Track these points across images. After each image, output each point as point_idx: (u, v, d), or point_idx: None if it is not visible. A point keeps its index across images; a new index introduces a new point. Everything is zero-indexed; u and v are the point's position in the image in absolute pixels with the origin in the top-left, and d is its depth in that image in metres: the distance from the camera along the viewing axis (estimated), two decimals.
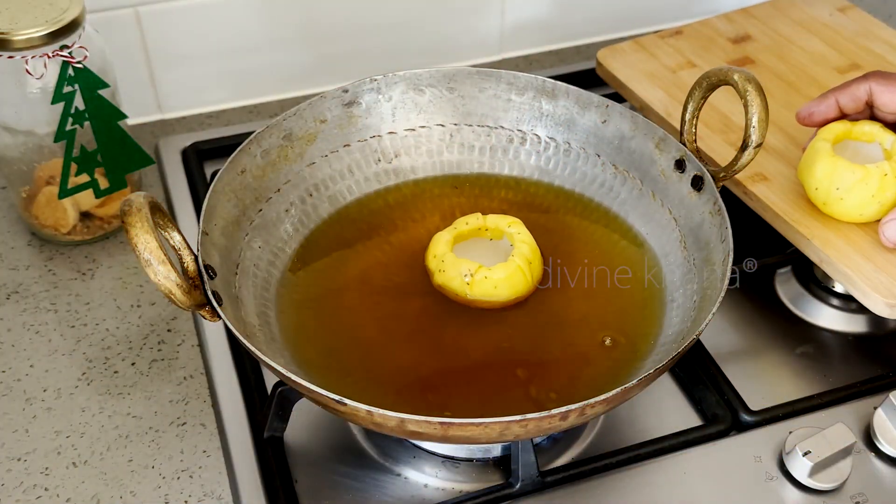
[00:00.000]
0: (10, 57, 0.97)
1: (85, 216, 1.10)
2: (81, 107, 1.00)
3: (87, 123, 1.01)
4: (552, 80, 1.00)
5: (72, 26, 0.98)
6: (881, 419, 0.89)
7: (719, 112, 1.10)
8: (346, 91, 0.99)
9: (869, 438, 0.90)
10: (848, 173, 0.94)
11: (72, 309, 1.03)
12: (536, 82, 1.00)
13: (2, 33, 0.96)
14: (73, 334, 1.00)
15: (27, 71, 0.98)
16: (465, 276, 0.89)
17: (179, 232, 0.80)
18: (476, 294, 0.89)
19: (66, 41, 0.98)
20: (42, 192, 1.08)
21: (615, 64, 1.18)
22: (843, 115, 0.99)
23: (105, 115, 1.02)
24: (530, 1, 1.35)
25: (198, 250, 0.81)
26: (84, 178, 1.05)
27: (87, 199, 1.08)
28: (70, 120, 1.00)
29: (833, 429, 0.86)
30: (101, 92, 1.01)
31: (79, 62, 0.98)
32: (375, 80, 0.99)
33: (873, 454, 0.89)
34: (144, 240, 0.72)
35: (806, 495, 0.86)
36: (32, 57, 0.97)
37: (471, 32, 1.35)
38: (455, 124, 1.02)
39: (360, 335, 0.88)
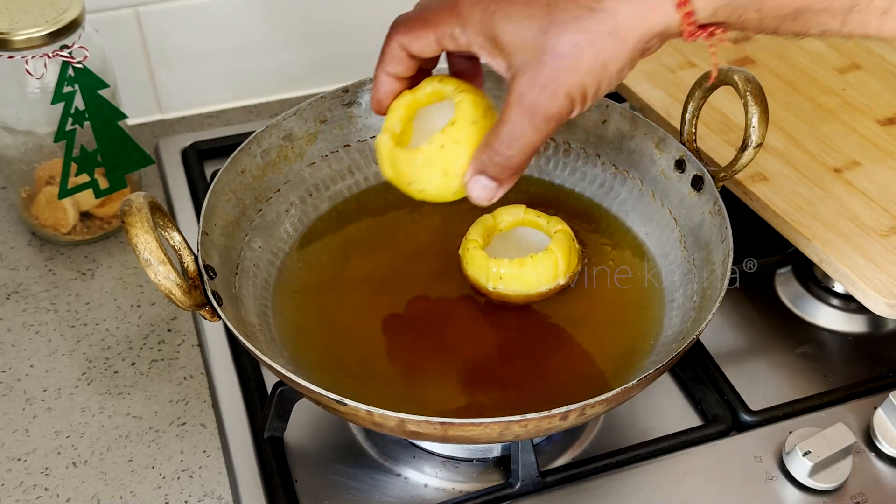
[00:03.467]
0: (11, 57, 0.97)
1: (85, 216, 1.10)
2: (81, 107, 1.00)
3: (87, 123, 1.02)
4: None
5: (72, 26, 0.98)
6: (881, 419, 0.89)
7: (719, 112, 1.10)
8: (346, 91, 0.99)
9: (869, 438, 0.90)
10: (409, 165, 0.80)
11: (72, 309, 1.03)
12: None
13: (2, 33, 0.96)
14: (73, 334, 1.00)
15: (27, 71, 0.98)
16: (466, 237, 0.92)
17: (179, 232, 0.80)
18: (461, 252, 0.92)
19: (66, 41, 0.98)
20: (42, 192, 1.08)
21: None
22: (410, 81, 0.83)
23: (105, 115, 1.02)
24: None
25: (198, 250, 0.81)
26: (84, 178, 1.05)
27: (87, 199, 1.08)
28: (70, 120, 1.00)
29: (833, 429, 0.86)
30: (101, 92, 1.01)
31: (79, 62, 0.98)
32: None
33: (873, 454, 0.89)
34: (144, 240, 0.72)
35: (806, 495, 0.86)
36: (32, 57, 0.97)
37: None
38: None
39: (360, 335, 0.88)
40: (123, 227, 0.73)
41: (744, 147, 0.88)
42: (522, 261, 0.89)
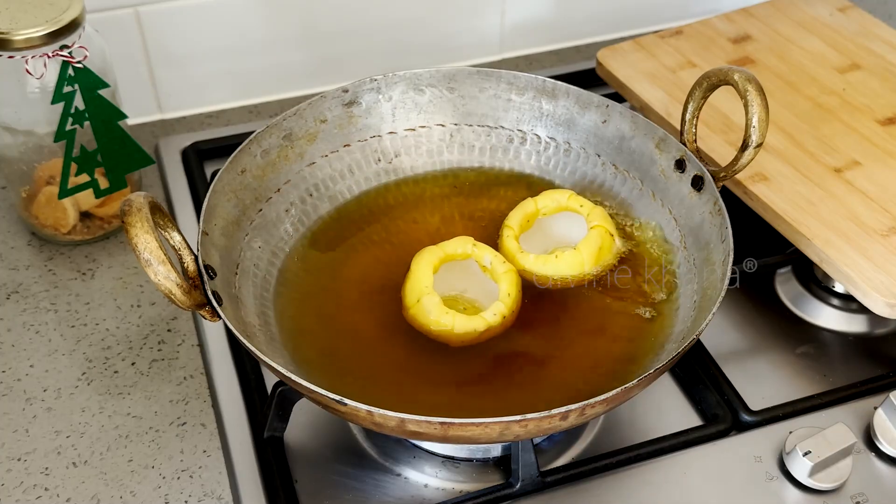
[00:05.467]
0: (11, 57, 0.97)
1: (85, 216, 1.10)
2: (81, 107, 1.00)
3: (87, 123, 1.01)
4: (552, 80, 1.00)
5: (72, 26, 0.98)
6: (881, 419, 0.89)
7: (719, 112, 1.10)
8: (346, 91, 0.98)
9: (869, 438, 0.90)
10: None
11: (72, 309, 1.03)
12: (536, 82, 1.00)
13: (2, 33, 0.96)
14: (73, 334, 1.00)
15: (27, 71, 0.98)
16: (504, 223, 0.95)
17: (179, 232, 0.80)
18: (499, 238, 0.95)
19: (66, 41, 0.98)
20: (42, 191, 1.08)
21: (615, 64, 1.18)
22: None
23: (105, 114, 1.02)
24: (530, 1, 1.35)
25: (198, 250, 0.81)
26: (84, 177, 1.05)
27: (87, 198, 1.08)
28: (70, 120, 1.00)
29: (833, 429, 0.86)
30: (101, 92, 1.01)
31: (79, 62, 0.98)
32: (375, 80, 0.99)
33: (873, 454, 0.89)
34: (144, 240, 0.72)
35: (806, 495, 0.86)
36: (32, 57, 0.97)
37: (471, 32, 1.35)
38: (455, 124, 1.02)
39: (360, 334, 0.88)
40: (123, 227, 0.73)
41: (744, 147, 0.88)
42: (546, 258, 0.91)
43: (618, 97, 1.18)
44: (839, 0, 1.28)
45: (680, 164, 0.93)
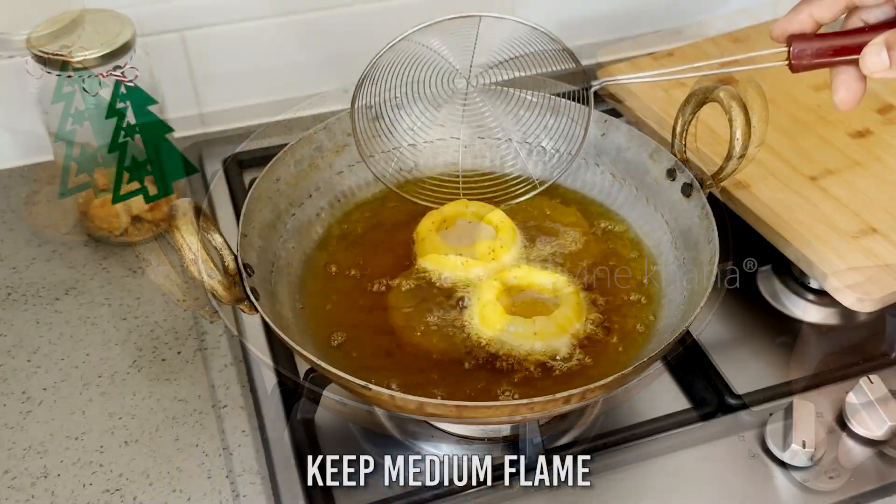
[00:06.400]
0: (69, 76, 0.98)
1: (136, 219, 1.10)
2: (132, 121, 1.01)
3: (137, 136, 1.02)
4: (556, 98, 1.00)
5: (124, 49, 0.99)
6: (852, 402, 0.89)
7: (708, 126, 1.10)
8: (370, 107, 0.99)
9: (841, 420, 0.90)
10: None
11: (124, 303, 1.03)
12: (543, 100, 1.00)
13: (62, 56, 0.96)
14: (125, 326, 1.01)
15: (84, 89, 0.98)
16: (480, 298, 0.90)
17: (221, 234, 0.81)
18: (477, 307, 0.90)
19: (119, 62, 0.99)
20: (98, 197, 1.09)
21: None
22: (818, 28, 0.81)
23: (153, 128, 1.03)
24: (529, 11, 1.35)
25: (237, 250, 0.81)
26: (135, 185, 1.06)
27: (137, 204, 1.09)
28: (122, 133, 1.01)
29: (805, 409, 0.86)
30: (149, 108, 1.01)
31: (130, 81, 0.99)
32: (398, 97, 1.00)
33: (845, 434, 0.89)
34: (189, 241, 0.73)
35: (785, 471, 0.86)
36: (89, 76, 0.98)
37: None
38: (468, 137, 1.02)
39: (383, 326, 0.89)
40: (170, 229, 0.74)
41: (729, 157, 0.88)
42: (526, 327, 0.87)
43: (615, 112, 1.18)
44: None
45: (671, 173, 0.93)
